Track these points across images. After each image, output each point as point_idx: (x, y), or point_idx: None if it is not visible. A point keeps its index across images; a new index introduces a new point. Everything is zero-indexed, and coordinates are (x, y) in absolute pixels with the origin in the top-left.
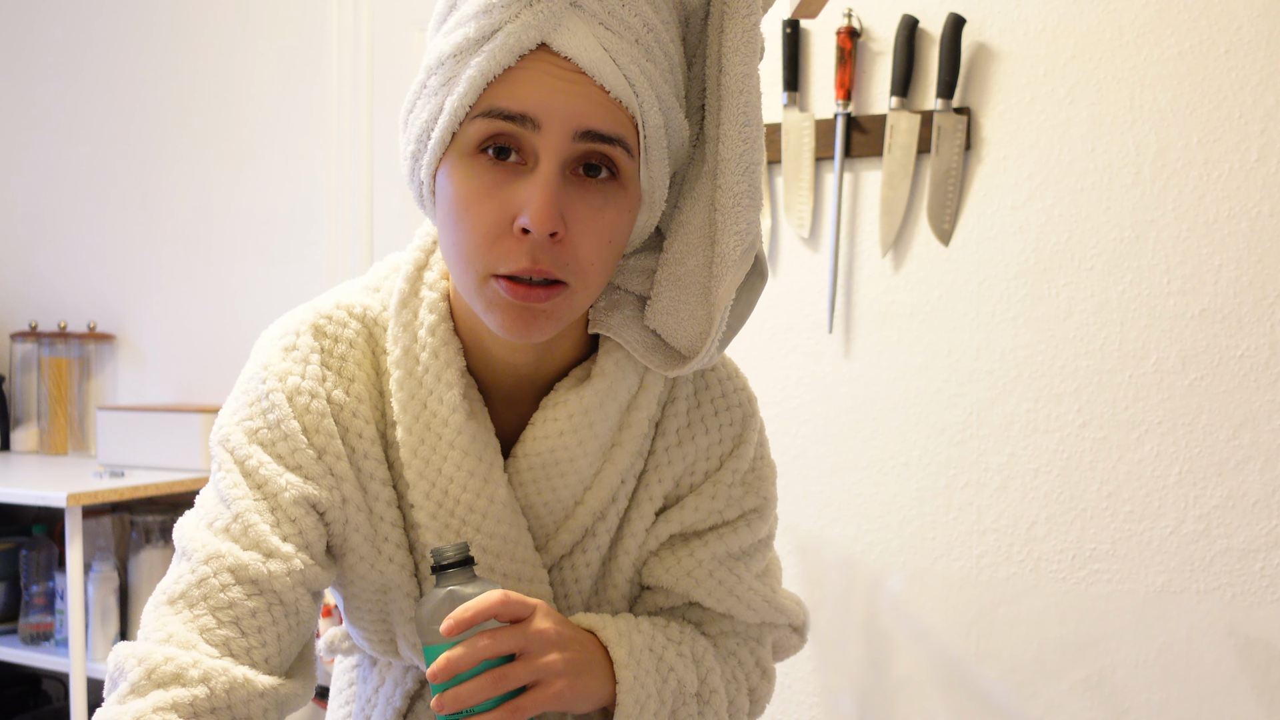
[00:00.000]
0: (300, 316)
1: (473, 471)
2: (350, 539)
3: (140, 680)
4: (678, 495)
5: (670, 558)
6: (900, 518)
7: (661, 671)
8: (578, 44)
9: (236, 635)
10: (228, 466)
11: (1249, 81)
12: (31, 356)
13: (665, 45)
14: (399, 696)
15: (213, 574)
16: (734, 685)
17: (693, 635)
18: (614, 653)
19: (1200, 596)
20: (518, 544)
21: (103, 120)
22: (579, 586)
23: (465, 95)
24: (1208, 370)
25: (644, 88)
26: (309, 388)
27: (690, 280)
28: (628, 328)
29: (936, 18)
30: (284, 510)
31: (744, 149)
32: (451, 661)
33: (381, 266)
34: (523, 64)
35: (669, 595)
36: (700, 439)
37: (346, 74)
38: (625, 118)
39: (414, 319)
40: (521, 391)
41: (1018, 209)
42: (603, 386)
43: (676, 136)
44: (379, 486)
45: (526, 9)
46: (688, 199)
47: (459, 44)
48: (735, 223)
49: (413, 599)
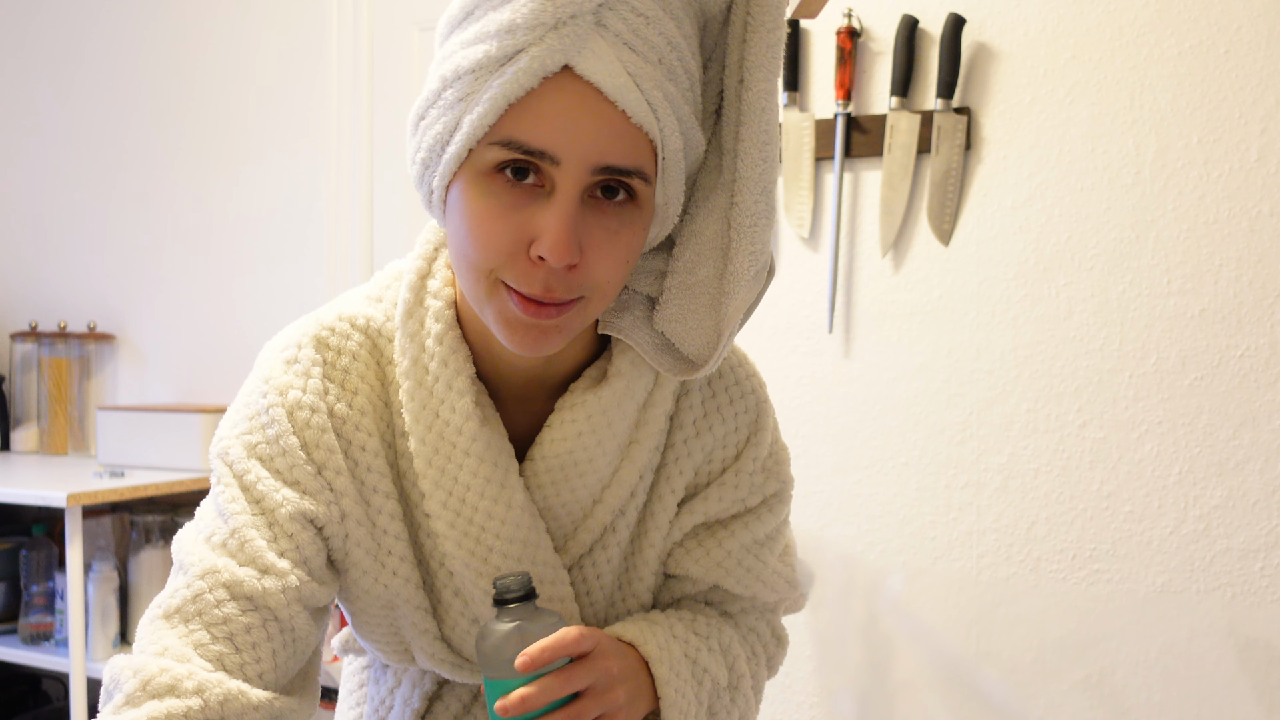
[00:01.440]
0: (302, 328)
1: (489, 478)
2: (352, 553)
3: (135, 691)
4: (698, 484)
5: (698, 549)
6: (900, 518)
7: (697, 675)
8: (602, 69)
9: (230, 651)
10: (226, 480)
11: (1249, 81)
12: (31, 356)
13: (686, 61)
14: (417, 698)
15: (208, 589)
16: (754, 661)
17: (719, 625)
18: (656, 670)
19: (1200, 596)
20: (537, 547)
21: (103, 120)
22: (601, 583)
23: (484, 117)
24: (1208, 370)
25: (665, 112)
26: (310, 402)
27: (700, 290)
28: (638, 329)
29: (936, 18)
30: (281, 526)
31: (763, 168)
32: (527, 699)
33: (383, 275)
34: (544, 87)
35: (695, 583)
36: (717, 428)
37: (346, 74)
38: (645, 143)
39: (420, 328)
40: (532, 390)
41: (1018, 209)
42: (620, 386)
43: (693, 152)
44: (382, 499)
45: (551, 32)
46: (701, 208)
47: (479, 61)
48: (750, 242)
49: (423, 611)
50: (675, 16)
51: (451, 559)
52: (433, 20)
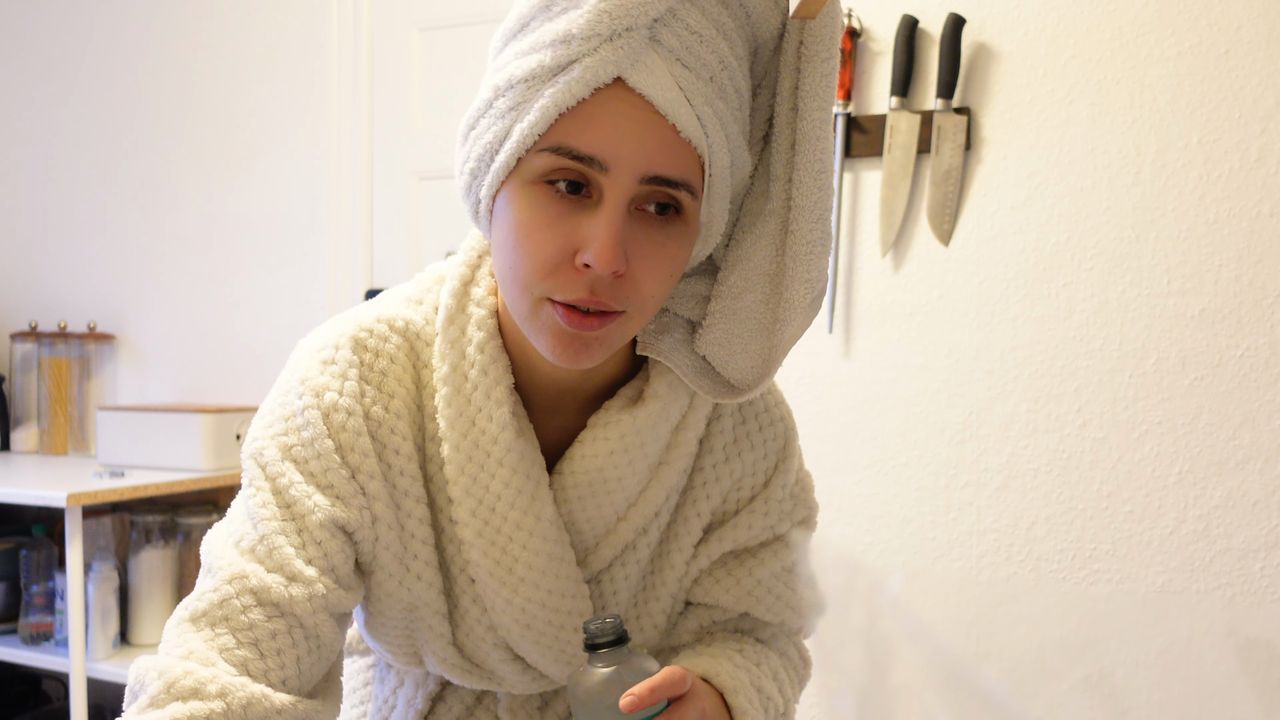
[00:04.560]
0: (340, 328)
1: (520, 489)
2: (380, 557)
3: (159, 693)
4: (725, 511)
5: (728, 579)
6: (900, 518)
7: (764, 703)
8: (654, 82)
9: (255, 656)
10: (259, 483)
11: (1249, 81)
12: (31, 356)
13: (737, 82)
14: (420, 698)
15: (235, 595)
16: (793, 686)
17: (764, 651)
18: (732, 700)
19: (1200, 596)
20: (561, 560)
21: (103, 121)
22: (617, 599)
23: (535, 125)
24: (1208, 370)
25: (715, 129)
26: (346, 405)
27: (747, 315)
28: (677, 352)
29: (936, 18)
30: (310, 533)
31: (819, 196)
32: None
33: (424, 278)
34: (596, 97)
35: (726, 612)
36: (746, 455)
37: (346, 74)
38: (693, 158)
39: (461, 335)
40: (564, 404)
41: (1018, 209)
42: (656, 409)
43: (740, 172)
44: (412, 504)
45: (606, 44)
46: (749, 234)
47: (532, 70)
48: (807, 270)
49: (441, 616)
50: (729, 38)
51: (475, 567)
52: (433, 20)
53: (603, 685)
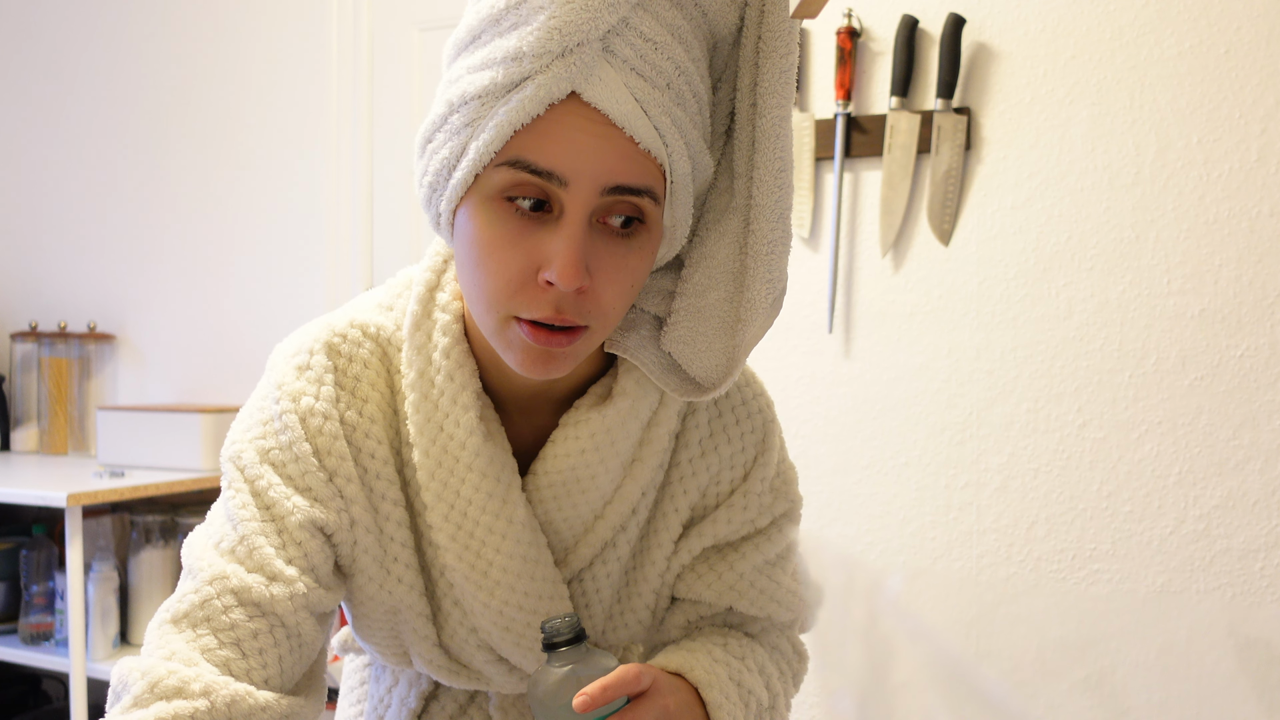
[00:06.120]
0: (314, 334)
1: (491, 493)
2: (359, 560)
3: (143, 693)
4: (704, 506)
5: (710, 574)
6: (900, 518)
7: (744, 697)
8: (609, 95)
9: (237, 656)
10: (238, 485)
11: (1249, 81)
12: (31, 356)
13: (695, 86)
14: (414, 697)
15: (216, 595)
16: (783, 679)
17: (750, 645)
18: (707, 694)
19: (1200, 596)
20: (538, 562)
21: (103, 120)
22: (600, 597)
23: (491, 143)
24: (1208, 370)
25: (674, 137)
26: (322, 409)
27: (711, 313)
28: (644, 349)
29: (936, 18)
30: (290, 534)
31: (779, 195)
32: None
33: (395, 283)
34: (551, 113)
35: (710, 607)
36: (723, 448)
37: (346, 74)
38: (653, 167)
39: (428, 341)
40: (537, 404)
41: (1018, 209)
42: (625, 406)
43: (702, 174)
44: (390, 507)
45: (558, 60)
46: (712, 231)
47: (485, 87)
48: (768, 270)
49: (424, 618)
50: (684, 41)
51: (452, 571)
52: (433, 20)
53: (559, 684)
